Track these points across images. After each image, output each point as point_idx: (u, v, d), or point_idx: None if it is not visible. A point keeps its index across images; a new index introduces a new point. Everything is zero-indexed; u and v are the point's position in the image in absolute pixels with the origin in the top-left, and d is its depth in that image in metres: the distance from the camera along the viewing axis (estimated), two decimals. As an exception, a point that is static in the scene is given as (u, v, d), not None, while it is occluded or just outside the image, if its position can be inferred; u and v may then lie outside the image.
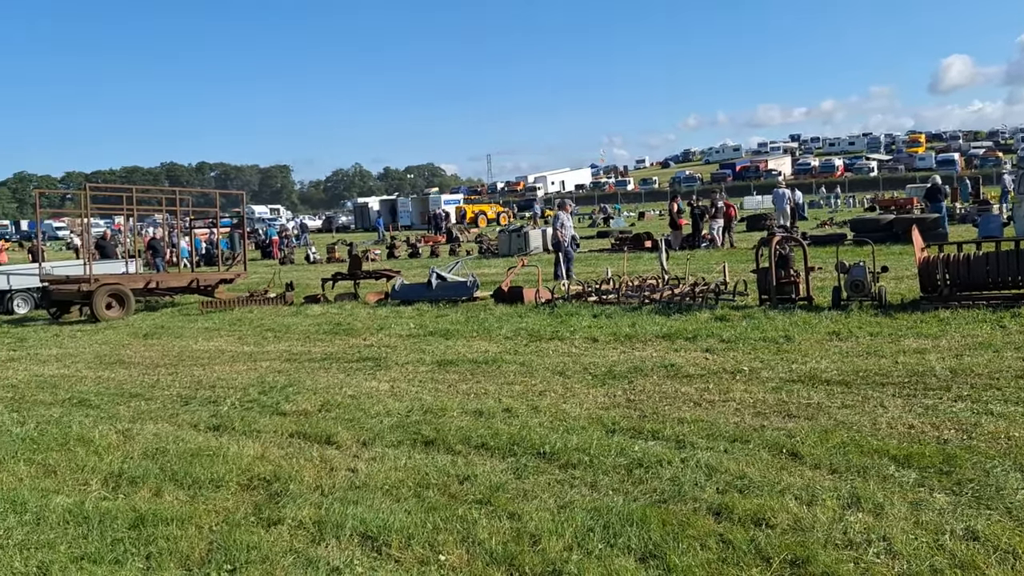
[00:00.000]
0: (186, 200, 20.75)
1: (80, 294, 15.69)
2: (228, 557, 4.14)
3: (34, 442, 6.62)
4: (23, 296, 17.87)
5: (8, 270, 18.82)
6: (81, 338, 13.36)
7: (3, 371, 10.37)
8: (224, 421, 7.05)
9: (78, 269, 17.49)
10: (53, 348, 12.31)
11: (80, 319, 15.92)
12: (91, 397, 8.43)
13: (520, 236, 27.61)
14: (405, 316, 13.13)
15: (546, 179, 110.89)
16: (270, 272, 23.31)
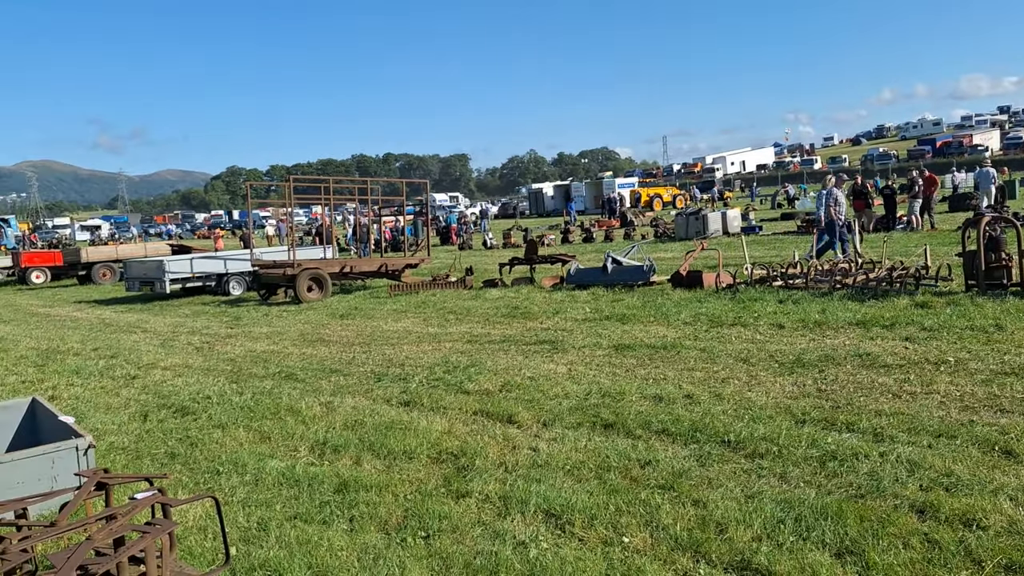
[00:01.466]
0: (376, 189, 21.99)
1: (285, 277, 17.09)
2: (422, 524, 4.38)
3: (251, 410, 7.31)
4: (237, 279, 19.73)
5: (225, 256, 20.82)
6: (287, 318, 14.56)
7: (223, 346, 11.51)
8: (413, 397, 7.45)
9: (283, 255, 19.05)
10: (263, 327, 13.50)
11: (285, 300, 17.34)
12: (297, 371, 9.17)
13: (698, 219, 26.90)
14: (580, 300, 13.21)
15: (725, 160, 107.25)
16: (450, 257, 24.24)
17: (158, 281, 19.04)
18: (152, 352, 11.25)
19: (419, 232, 33.55)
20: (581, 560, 3.85)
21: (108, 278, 26.51)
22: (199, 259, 20.30)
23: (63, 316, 17.29)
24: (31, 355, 11.65)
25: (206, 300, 18.76)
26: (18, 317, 17.54)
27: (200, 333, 13.10)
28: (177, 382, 9.00)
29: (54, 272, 27.74)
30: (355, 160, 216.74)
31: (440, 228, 41.01)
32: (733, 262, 15.68)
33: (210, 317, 15.45)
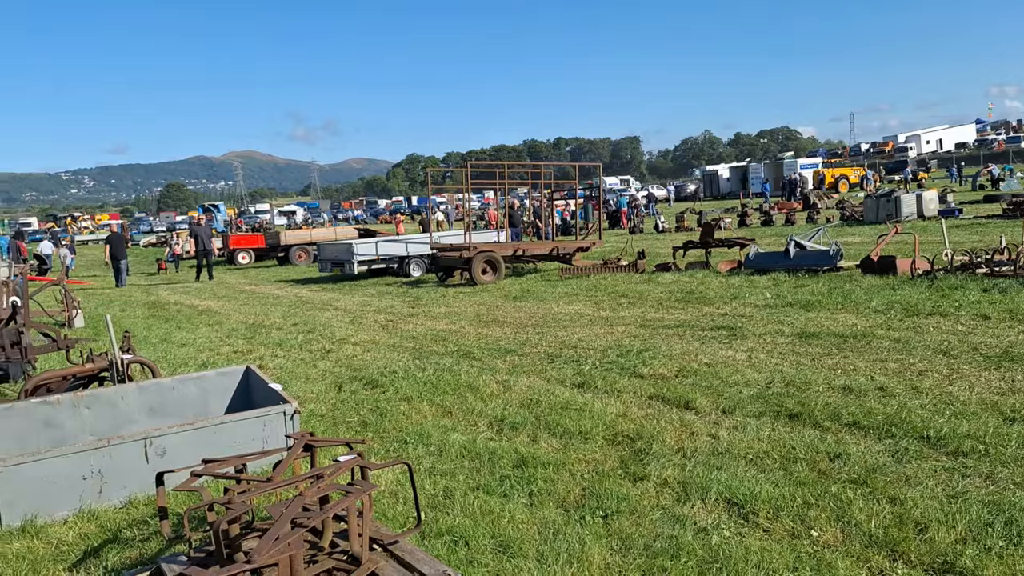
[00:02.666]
0: (548, 173, 22.23)
1: (461, 260, 17.70)
2: (600, 504, 4.42)
3: (433, 386, 7.66)
4: (417, 261, 20.67)
5: (406, 239, 21.87)
6: (463, 299, 15.08)
7: (405, 325, 12.12)
8: (587, 379, 7.50)
9: (460, 238, 19.73)
10: (441, 307, 14.07)
11: (461, 282, 17.96)
12: (474, 350, 9.49)
13: (890, 201, 25.05)
14: (760, 286, 12.72)
15: (919, 138, 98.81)
16: (621, 241, 24.07)
17: (347, 263, 20.33)
18: (343, 328, 12.04)
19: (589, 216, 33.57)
20: (767, 551, 3.74)
21: (303, 259, 28.61)
22: (383, 242, 21.45)
23: (266, 293, 18.87)
24: (240, 328, 12.81)
25: (389, 281, 19.81)
26: (228, 294, 19.34)
27: (385, 312, 13.86)
28: (366, 357, 9.59)
29: (257, 253, 30.33)
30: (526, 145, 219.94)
31: (610, 212, 40.82)
32: (930, 248, 14.48)
33: (393, 297, 16.30)
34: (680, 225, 31.04)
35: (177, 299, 18.58)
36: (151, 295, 20.18)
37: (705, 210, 38.02)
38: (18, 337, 7.80)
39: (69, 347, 8.32)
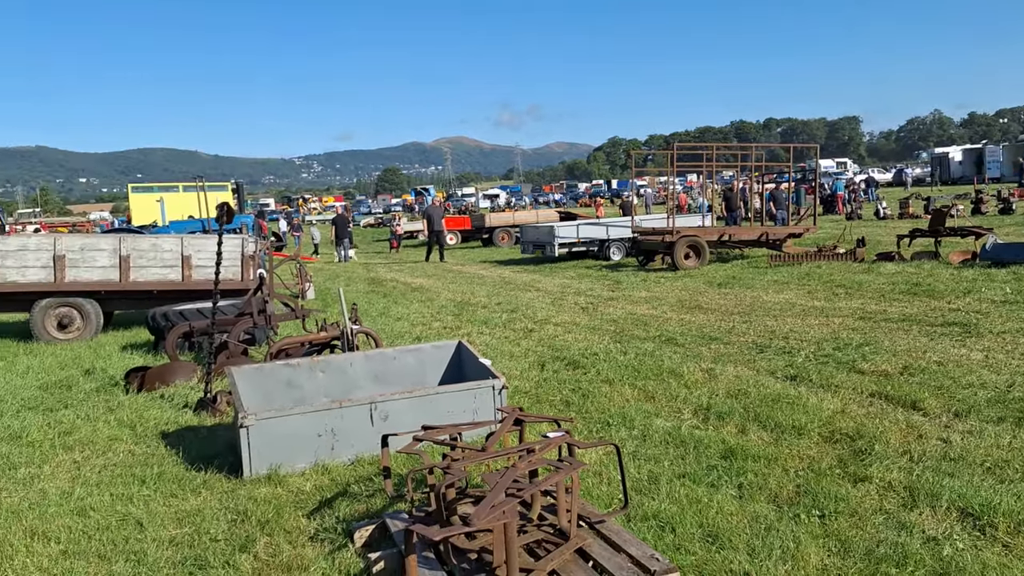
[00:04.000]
0: (759, 156, 21.29)
1: (663, 244, 17.44)
2: (815, 503, 4.21)
3: (635, 370, 7.65)
4: (617, 245, 20.64)
5: (607, 222, 21.89)
6: (664, 284, 14.88)
7: (605, 308, 12.16)
8: (800, 372, 7.14)
9: (663, 222, 19.45)
10: (642, 291, 13.97)
11: (662, 267, 17.72)
12: (676, 336, 9.34)
13: None
14: (998, 279, 11.46)
15: None
16: (836, 227, 22.59)
17: (549, 245, 20.71)
18: (545, 309, 12.30)
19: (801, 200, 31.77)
20: (1007, 568, 3.39)
21: (506, 241, 29.49)
22: (584, 225, 21.60)
23: (471, 273, 19.69)
24: (449, 305, 13.48)
25: (588, 264, 19.94)
26: (438, 272, 20.38)
27: (585, 294, 13.98)
28: (567, 337, 9.74)
29: (464, 235, 31.67)
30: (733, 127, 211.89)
31: (825, 196, 38.38)
32: None
33: (593, 280, 16.40)
34: (904, 212, 28.58)
35: (393, 276, 19.87)
36: (371, 272, 21.72)
37: (934, 196, 34.72)
38: (264, 306, 8.71)
39: (305, 316, 9.17)
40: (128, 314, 13.15)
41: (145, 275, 11.65)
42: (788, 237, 18.07)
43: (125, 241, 11.73)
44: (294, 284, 15.34)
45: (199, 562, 3.98)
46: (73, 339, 11.36)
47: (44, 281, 11.26)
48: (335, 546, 4.07)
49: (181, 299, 11.36)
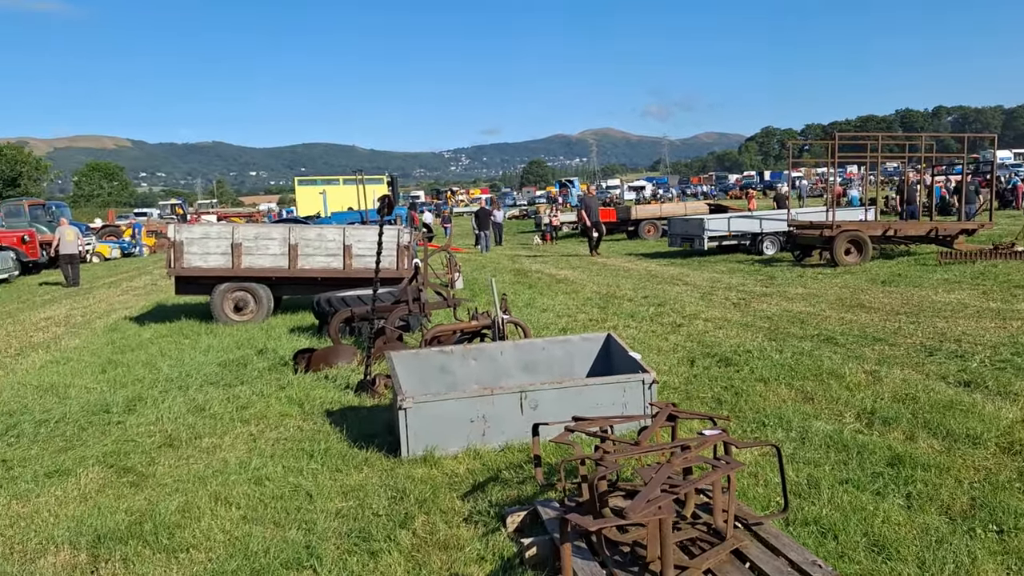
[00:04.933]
0: (929, 146, 19.84)
1: (821, 239, 16.63)
2: (993, 517, 3.92)
3: (791, 369, 7.36)
4: (771, 239, 19.88)
5: (760, 215, 21.12)
6: (822, 280, 14.20)
7: (759, 304, 11.76)
8: (974, 377, 6.64)
9: (821, 215, 18.55)
10: (798, 287, 13.39)
11: (820, 263, 16.90)
12: (836, 336, 8.90)
13: None
14: None
15: None
16: (1014, 224, 20.74)
17: (697, 238, 20.24)
18: (693, 304, 12.05)
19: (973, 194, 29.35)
20: None
21: (652, 234, 29.09)
22: (736, 218, 20.95)
23: (617, 266, 19.57)
24: (595, 298, 13.47)
25: (740, 258, 19.33)
26: (582, 264, 20.41)
27: (736, 289, 13.58)
28: (718, 334, 9.50)
29: (608, 227, 31.49)
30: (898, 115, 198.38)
31: (1002, 190, 35.24)
32: None
33: (745, 275, 15.89)
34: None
35: (538, 268, 20.08)
36: (516, 263, 22.05)
37: None
38: (418, 294, 9.06)
39: (456, 305, 9.46)
40: (295, 299, 14.03)
41: (311, 263, 12.39)
42: (960, 233, 16.77)
43: (294, 231, 12.53)
44: (444, 274, 15.84)
45: (363, 535, 4.22)
46: (247, 321, 12.26)
47: (223, 267, 12.22)
48: (488, 529, 4.20)
49: (341, 286, 12.00)
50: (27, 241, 25.91)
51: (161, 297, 16.82)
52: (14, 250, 24.85)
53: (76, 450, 6.08)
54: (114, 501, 4.91)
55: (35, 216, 29.05)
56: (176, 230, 12.43)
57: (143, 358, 9.78)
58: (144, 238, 37.60)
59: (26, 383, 8.65)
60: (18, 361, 10.11)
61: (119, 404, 7.35)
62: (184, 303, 14.64)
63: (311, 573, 3.83)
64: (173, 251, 12.16)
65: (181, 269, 12.19)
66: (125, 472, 5.48)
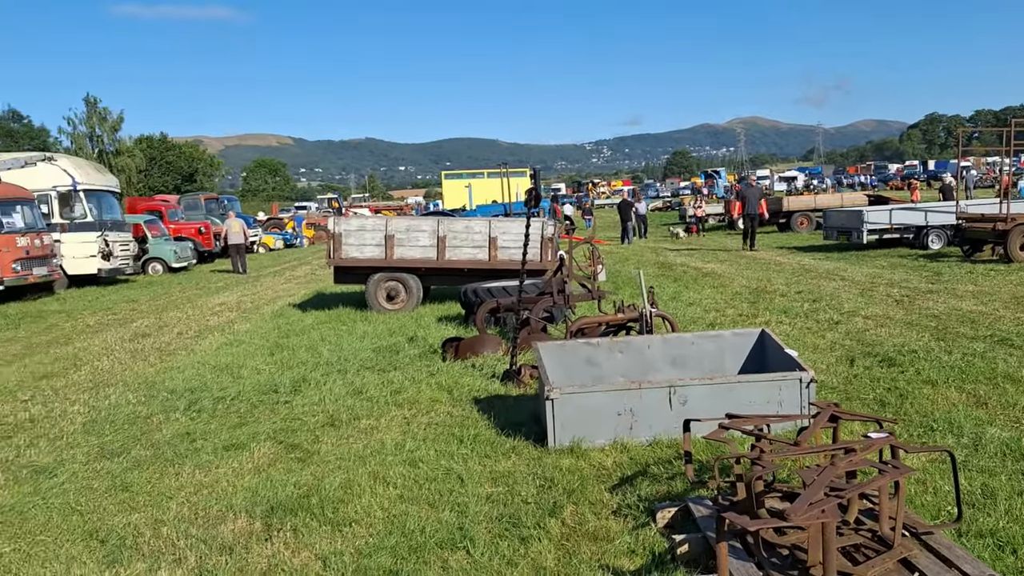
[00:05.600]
0: None
1: (993, 232, 15.35)
2: None
3: (962, 372, 6.85)
4: (937, 232, 18.55)
5: (925, 207, 19.74)
6: (994, 277, 13.11)
7: (924, 301, 11.00)
8: None
9: (992, 208, 17.12)
10: (968, 285, 12.43)
11: (991, 258, 15.61)
12: (1012, 337, 8.20)
13: None
14: None
15: None
16: None
17: (856, 231, 19.19)
18: (852, 300, 11.44)
19: None
20: None
21: (805, 226, 27.84)
22: (898, 210, 19.69)
23: (767, 259, 18.87)
24: (744, 292, 13.06)
25: (902, 253, 18.17)
26: (730, 258, 19.83)
27: (898, 286, 12.77)
28: (879, 332, 8.98)
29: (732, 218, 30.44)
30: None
31: None
32: None
33: (908, 270, 14.92)
34: None
35: (683, 261, 19.69)
36: (659, 256, 21.72)
37: None
38: (563, 286, 9.12)
39: (601, 297, 9.46)
40: (441, 289, 14.47)
41: (458, 254, 12.75)
42: None
43: (442, 224, 12.92)
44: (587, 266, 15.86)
45: (513, 520, 4.32)
46: (398, 310, 12.78)
47: (377, 257, 12.79)
48: (637, 523, 4.18)
49: (486, 277, 12.26)
50: (203, 232, 28.15)
51: (320, 286, 17.82)
52: (192, 240, 27.06)
53: (249, 426, 6.57)
54: (284, 475, 5.27)
55: (210, 209, 31.52)
56: (336, 223, 13.13)
57: (306, 342, 10.41)
58: (304, 230, 39.94)
59: (205, 363, 9.42)
60: (197, 342, 11.02)
61: (286, 385, 7.86)
62: (341, 291, 15.42)
63: (464, 554, 3.96)
64: (332, 243, 12.86)
65: (339, 259, 12.87)
66: (292, 448, 5.87)
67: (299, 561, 3.99)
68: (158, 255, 24.54)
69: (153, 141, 69.46)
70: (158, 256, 24.53)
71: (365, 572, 3.79)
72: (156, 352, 10.41)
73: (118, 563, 4.06)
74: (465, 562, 3.87)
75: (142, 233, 24.16)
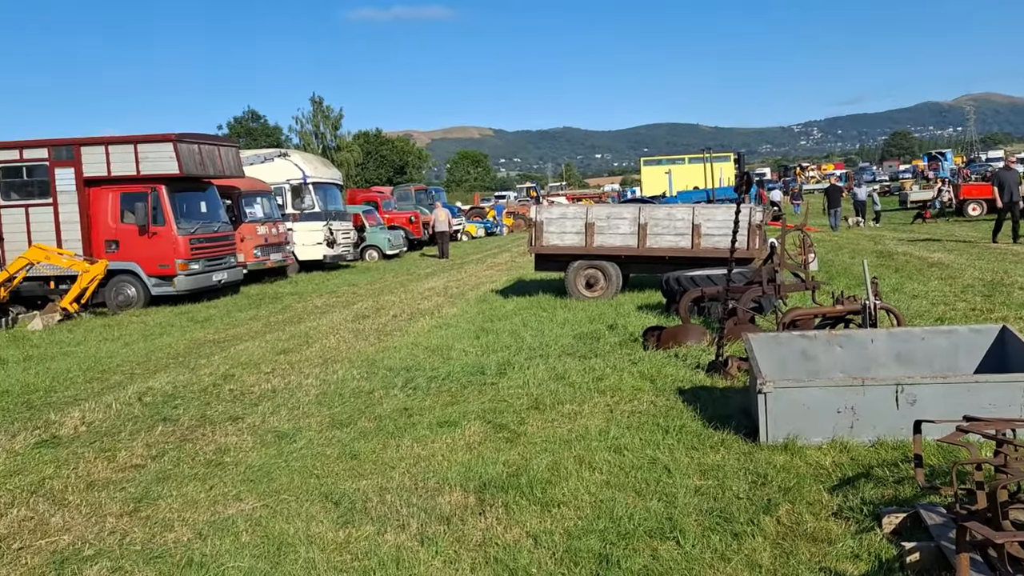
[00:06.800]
0: None
1: None
2: None
3: None
4: None
5: None
6: None
7: None
8: None
9: None
10: None
11: None
12: None
13: None
14: None
15: None
16: None
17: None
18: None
19: None
20: None
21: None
22: None
23: (1003, 249, 16.98)
24: (976, 284, 11.83)
25: None
26: (958, 248, 18.03)
27: None
28: None
29: (988, 205, 27.43)
30: None
31: None
32: None
33: None
34: None
35: (905, 249, 18.19)
36: (878, 244, 20.21)
37: None
38: (773, 275, 8.73)
39: (815, 288, 8.96)
40: (640, 277, 14.37)
41: (659, 242, 12.59)
42: None
43: (643, 211, 12.82)
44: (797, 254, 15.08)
45: (724, 515, 4.22)
46: (597, 297, 12.85)
47: (577, 245, 12.93)
48: (860, 527, 3.94)
49: (688, 266, 12.00)
50: (413, 221, 29.86)
51: (520, 273, 18.31)
52: (404, 229, 28.80)
53: (459, 405, 6.90)
54: (494, 453, 5.49)
55: (419, 199, 33.36)
56: (537, 211, 13.42)
57: (508, 327, 10.75)
58: (504, 219, 41.18)
59: (418, 344, 10.00)
60: (411, 324, 11.72)
61: (492, 367, 8.17)
62: (540, 279, 15.76)
63: (674, 544, 3.93)
64: (534, 230, 13.16)
65: (540, 247, 13.15)
66: (500, 428, 6.10)
67: (511, 537, 4.14)
68: (374, 243, 26.34)
69: (369, 136, 74.52)
70: (374, 244, 26.33)
71: (575, 553, 3.87)
72: (375, 332, 11.19)
73: (350, 524, 4.43)
74: (675, 552, 3.84)
75: (360, 222, 26.03)
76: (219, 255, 16.57)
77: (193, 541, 4.34)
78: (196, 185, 16.68)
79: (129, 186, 15.54)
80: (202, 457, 5.86)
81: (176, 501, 4.97)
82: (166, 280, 15.41)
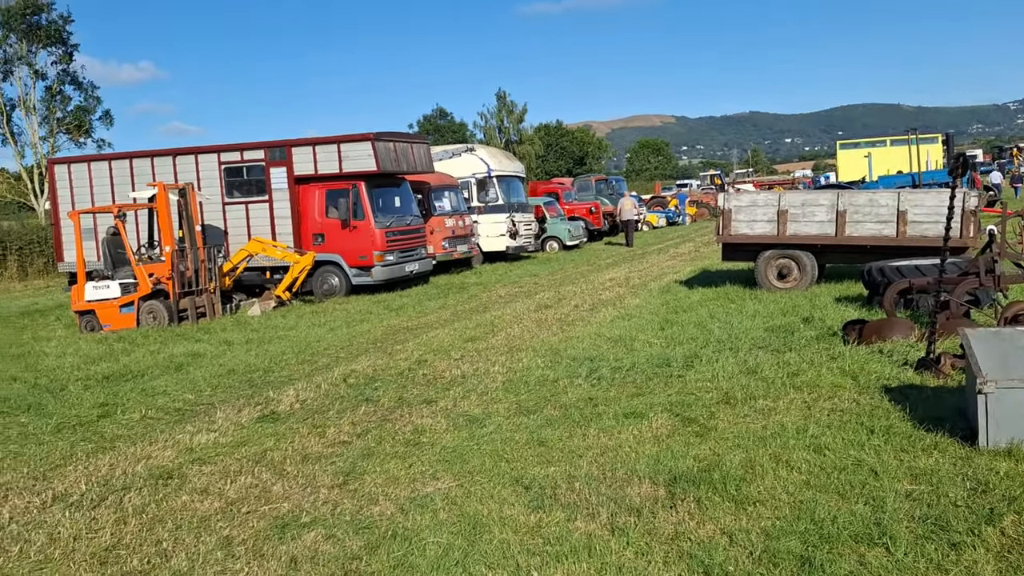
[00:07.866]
0: None
1: None
2: None
3: None
4: None
5: None
6: None
7: None
8: None
9: None
10: None
11: None
12: None
13: None
14: None
15: None
16: None
17: None
18: None
19: None
20: None
21: None
22: None
23: None
24: None
25: None
26: None
27: None
28: None
29: None
30: None
31: None
32: None
33: None
34: None
35: None
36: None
37: None
38: (992, 266, 7.93)
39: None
40: (838, 267, 13.54)
41: (859, 230, 11.79)
42: None
43: (842, 197, 12.05)
44: (1017, 243, 13.56)
45: (939, 522, 3.90)
46: (790, 288, 12.25)
47: (768, 234, 12.38)
48: (1106, 547, 3.51)
49: (892, 255, 11.14)
50: (593, 212, 29.89)
51: (705, 263, 17.82)
52: (584, 220, 28.90)
53: (645, 396, 6.84)
54: (683, 447, 5.40)
55: (599, 190, 33.33)
56: (725, 199, 12.99)
57: (694, 319, 10.50)
58: (687, 208, 40.23)
59: (600, 334, 10.01)
60: (592, 315, 11.75)
61: (678, 360, 8.02)
62: (727, 269, 15.25)
63: (883, 551, 3.68)
64: (722, 219, 12.75)
65: (728, 236, 12.73)
66: (689, 422, 5.98)
67: (704, 533, 4.06)
68: (554, 234, 26.63)
69: (549, 128, 75.31)
70: (554, 235, 26.62)
71: (774, 555, 3.73)
72: (557, 322, 11.33)
73: (541, 509, 4.53)
74: (885, 560, 3.60)
75: (541, 214, 26.41)
76: (411, 247, 17.44)
77: (396, 515, 4.62)
78: (391, 181, 17.63)
79: (332, 183, 16.71)
80: (401, 437, 6.21)
81: (380, 477, 5.31)
82: (365, 271, 16.43)
